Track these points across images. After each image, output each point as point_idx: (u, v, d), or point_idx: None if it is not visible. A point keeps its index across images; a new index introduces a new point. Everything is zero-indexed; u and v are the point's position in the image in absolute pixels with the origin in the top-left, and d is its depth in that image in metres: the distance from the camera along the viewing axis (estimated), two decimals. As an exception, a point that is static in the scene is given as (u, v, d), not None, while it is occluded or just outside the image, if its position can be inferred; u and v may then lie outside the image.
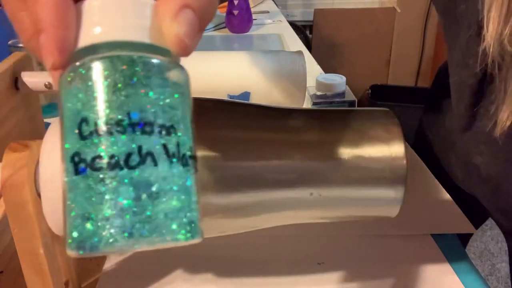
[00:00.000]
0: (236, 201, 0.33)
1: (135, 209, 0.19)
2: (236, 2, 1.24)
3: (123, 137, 0.19)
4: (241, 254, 0.47)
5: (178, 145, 0.21)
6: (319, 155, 0.34)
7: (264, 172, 0.33)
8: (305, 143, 0.34)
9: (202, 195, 0.21)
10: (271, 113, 0.36)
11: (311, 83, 0.67)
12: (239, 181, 0.33)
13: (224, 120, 0.34)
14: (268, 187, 0.33)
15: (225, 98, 0.48)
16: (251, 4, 1.38)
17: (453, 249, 0.48)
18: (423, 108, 0.76)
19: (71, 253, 0.19)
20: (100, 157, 0.19)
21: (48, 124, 0.50)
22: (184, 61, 0.50)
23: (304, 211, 0.36)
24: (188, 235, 0.20)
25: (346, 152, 0.34)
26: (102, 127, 0.19)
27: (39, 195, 0.32)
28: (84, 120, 0.20)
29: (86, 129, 0.20)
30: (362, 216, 0.38)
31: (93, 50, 0.21)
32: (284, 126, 0.35)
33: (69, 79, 0.21)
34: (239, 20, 1.25)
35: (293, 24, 1.63)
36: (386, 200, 0.36)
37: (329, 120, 0.36)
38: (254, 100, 0.49)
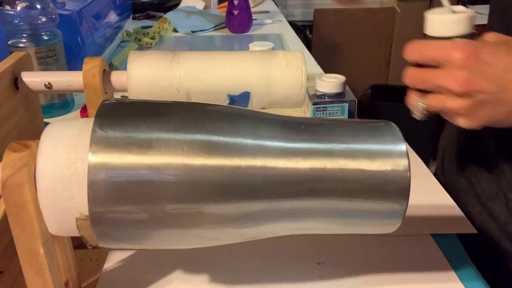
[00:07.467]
0: (234, 212, 0.33)
1: None
2: (236, 2, 1.24)
3: None
4: (240, 254, 0.47)
5: None
6: (320, 167, 0.33)
7: (262, 183, 0.33)
8: (307, 155, 0.34)
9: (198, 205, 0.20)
10: (273, 120, 0.35)
11: (311, 83, 0.67)
12: (236, 191, 0.32)
13: (227, 129, 0.34)
14: (268, 198, 0.33)
15: (225, 98, 0.48)
16: (251, 4, 1.38)
17: (453, 249, 0.48)
18: None
19: None
20: None
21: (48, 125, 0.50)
22: (184, 61, 0.50)
23: (304, 223, 0.35)
24: None
25: (348, 165, 0.34)
26: None
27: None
28: None
29: None
30: (362, 229, 0.37)
31: None
32: (286, 137, 0.34)
33: None
34: (239, 20, 1.25)
35: (293, 24, 1.63)
36: (388, 214, 0.35)
37: (331, 132, 0.35)
38: (254, 100, 0.49)
